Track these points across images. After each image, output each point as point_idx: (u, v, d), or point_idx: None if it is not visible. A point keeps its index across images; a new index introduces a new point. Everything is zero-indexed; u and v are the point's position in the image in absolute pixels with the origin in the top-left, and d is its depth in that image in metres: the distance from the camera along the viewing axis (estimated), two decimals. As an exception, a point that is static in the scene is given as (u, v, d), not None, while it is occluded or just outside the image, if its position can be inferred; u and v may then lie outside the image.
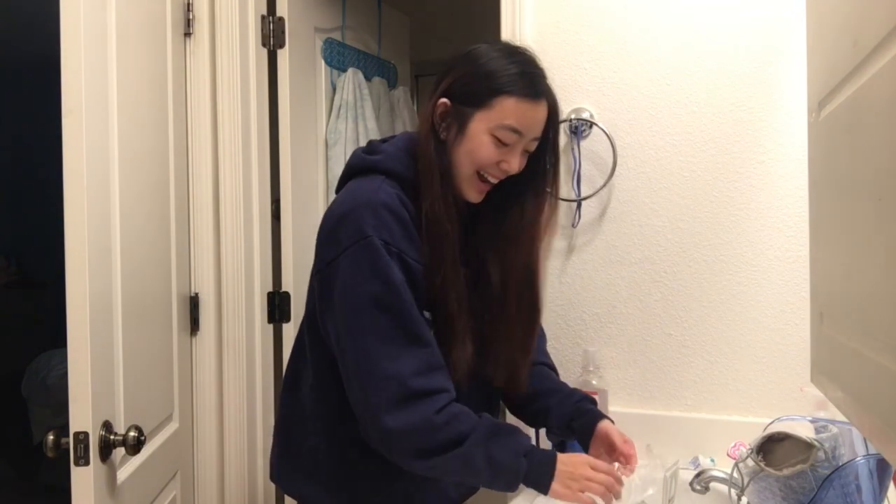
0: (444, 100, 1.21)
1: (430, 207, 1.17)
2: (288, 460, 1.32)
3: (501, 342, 1.29)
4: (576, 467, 1.16)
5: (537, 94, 1.20)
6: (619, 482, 1.18)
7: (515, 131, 1.18)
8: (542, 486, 1.15)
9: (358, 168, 1.25)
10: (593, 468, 1.16)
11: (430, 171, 1.18)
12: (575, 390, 1.41)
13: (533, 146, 1.24)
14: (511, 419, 1.49)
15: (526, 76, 1.20)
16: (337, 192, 1.28)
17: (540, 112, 1.21)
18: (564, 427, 1.34)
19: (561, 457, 1.17)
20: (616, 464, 1.24)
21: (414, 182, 1.20)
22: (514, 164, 1.21)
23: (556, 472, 1.15)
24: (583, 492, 1.15)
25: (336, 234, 1.17)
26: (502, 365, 1.30)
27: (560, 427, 1.35)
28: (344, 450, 1.25)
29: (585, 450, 1.31)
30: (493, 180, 1.23)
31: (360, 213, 1.15)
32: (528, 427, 1.45)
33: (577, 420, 1.32)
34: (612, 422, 1.32)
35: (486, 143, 1.18)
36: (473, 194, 1.24)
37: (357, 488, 1.26)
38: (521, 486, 1.16)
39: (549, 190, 1.30)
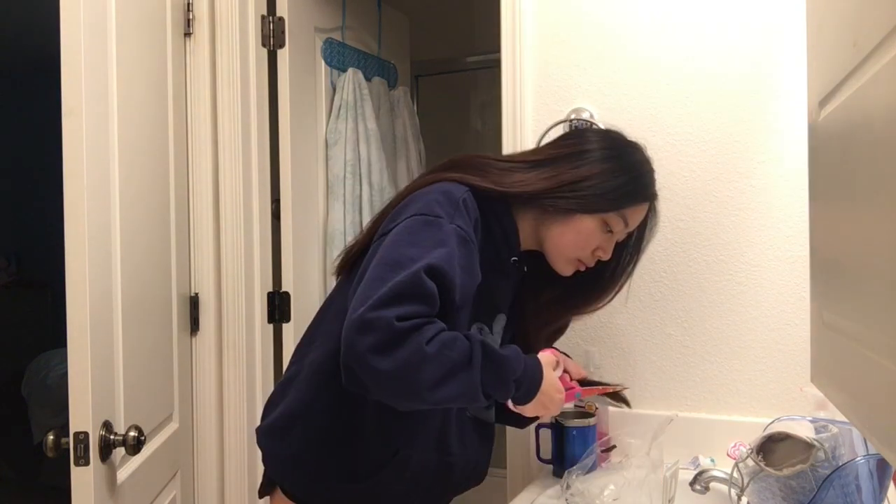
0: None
1: (506, 257, 1.25)
2: (274, 443, 1.30)
3: None
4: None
5: (650, 198, 1.30)
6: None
7: (627, 225, 1.26)
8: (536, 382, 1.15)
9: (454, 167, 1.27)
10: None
11: (522, 231, 1.26)
12: None
13: (623, 237, 1.31)
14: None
15: (645, 178, 1.28)
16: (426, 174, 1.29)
17: (645, 210, 1.30)
18: None
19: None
20: None
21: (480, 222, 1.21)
22: (609, 252, 1.28)
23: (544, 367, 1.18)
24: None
25: (417, 203, 1.15)
26: None
27: None
28: (330, 447, 1.23)
29: None
30: (589, 264, 1.29)
31: (449, 211, 1.13)
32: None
33: None
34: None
35: (596, 231, 1.24)
36: (569, 269, 1.29)
37: (339, 480, 1.24)
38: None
39: (616, 289, 1.37)
